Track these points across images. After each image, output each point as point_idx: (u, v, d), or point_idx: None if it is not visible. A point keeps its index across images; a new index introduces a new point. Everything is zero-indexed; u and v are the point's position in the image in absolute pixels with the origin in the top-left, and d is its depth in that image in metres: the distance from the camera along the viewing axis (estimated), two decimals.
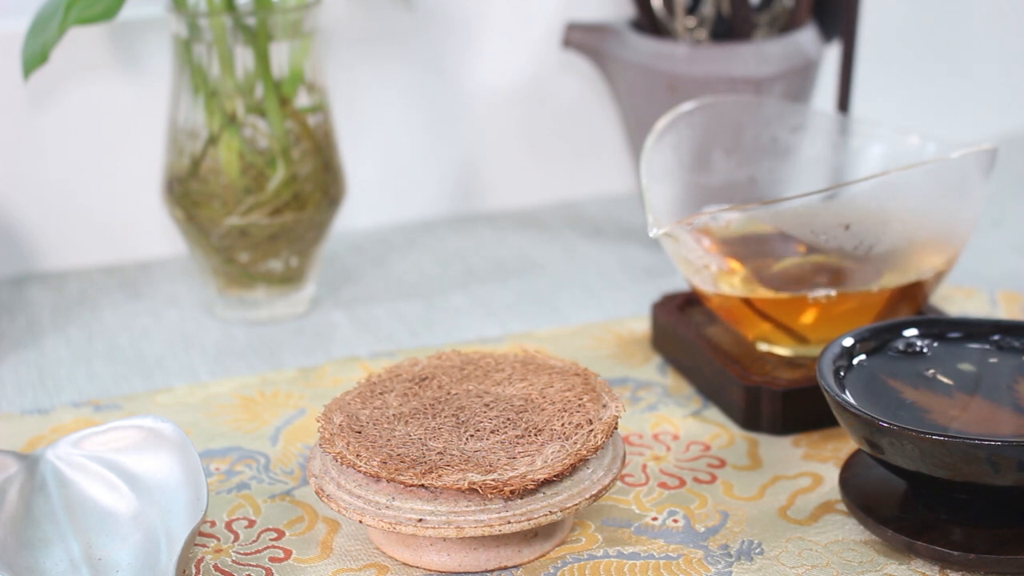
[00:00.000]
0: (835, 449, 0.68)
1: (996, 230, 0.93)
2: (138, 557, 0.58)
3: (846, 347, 0.64)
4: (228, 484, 0.66)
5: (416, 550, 0.59)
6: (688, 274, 0.72)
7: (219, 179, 0.79)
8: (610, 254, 0.91)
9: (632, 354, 0.77)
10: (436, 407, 0.61)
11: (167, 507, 0.59)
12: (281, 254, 0.81)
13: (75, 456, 0.63)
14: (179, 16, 0.78)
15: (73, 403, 0.73)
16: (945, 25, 1.08)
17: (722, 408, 0.71)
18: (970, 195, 0.71)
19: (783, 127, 0.81)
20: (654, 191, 0.73)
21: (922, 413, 0.60)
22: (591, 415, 0.60)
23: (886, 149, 0.79)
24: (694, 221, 0.69)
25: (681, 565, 0.59)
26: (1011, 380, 0.62)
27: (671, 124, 0.77)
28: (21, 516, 0.60)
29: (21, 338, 0.81)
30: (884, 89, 1.06)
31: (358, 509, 0.57)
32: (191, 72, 0.79)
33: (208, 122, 0.79)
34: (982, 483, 0.57)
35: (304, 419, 0.71)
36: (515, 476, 0.56)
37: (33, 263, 0.90)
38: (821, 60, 0.89)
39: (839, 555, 0.60)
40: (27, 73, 0.76)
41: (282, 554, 0.61)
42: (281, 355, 0.79)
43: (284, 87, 0.79)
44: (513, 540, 0.59)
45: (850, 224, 0.70)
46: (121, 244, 0.91)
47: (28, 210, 0.89)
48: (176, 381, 0.76)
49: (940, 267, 0.72)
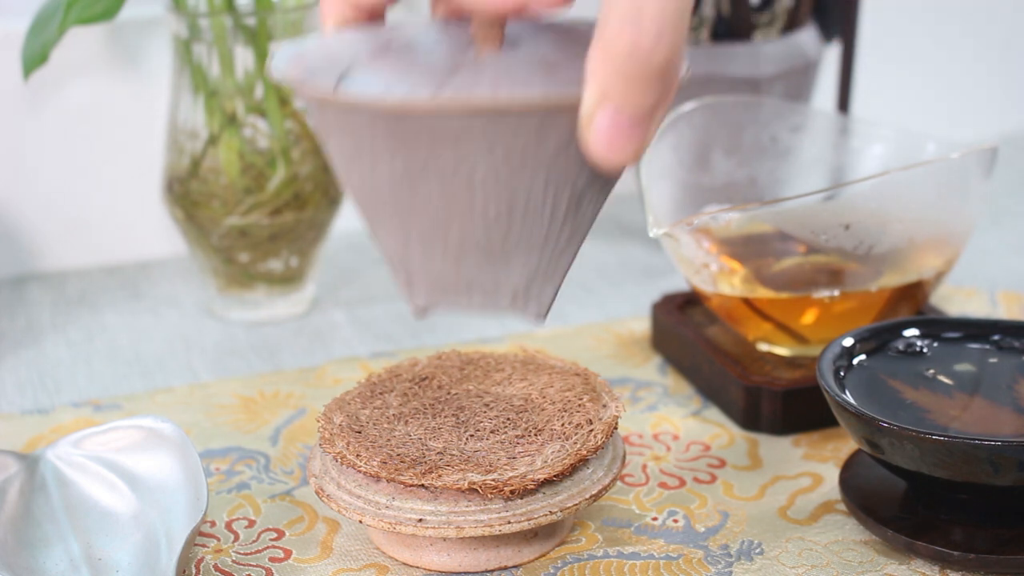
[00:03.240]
0: (835, 449, 0.68)
1: (996, 230, 0.93)
2: (138, 557, 0.58)
3: (846, 347, 0.64)
4: (228, 484, 0.66)
5: (416, 550, 0.59)
6: (688, 274, 0.72)
7: (219, 179, 0.79)
8: (610, 254, 0.91)
9: (632, 354, 0.77)
10: (436, 407, 0.61)
11: (167, 507, 0.59)
12: (281, 254, 0.81)
13: (75, 456, 0.63)
14: (179, 16, 0.78)
15: (73, 403, 0.73)
16: (945, 25, 1.08)
17: (722, 408, 0.71)
18: (970, 195, 0.71)
19: (783, 127, 0.81)
20: (654, 191, 0.73)
21: (922, 413, 0.60)
22: (591, 415, 0.60)
23: (886, 149, 0.79)
24: (694, 221, 0.69)
25: (681, 565, 0.59)
26: (1011, 380, 0.62)
27: (671, 124, 0.77)
28: (21, 516, 0.60)
29: (21, 338, 0.81)
30: (884, 89, 1.06)
31: (358, 509, 0.57)
32: (191, 72, 0.79)
33: (208, 122, 0.79)
34: (982, 483, 0.57)
35: (304, 419, 0.71)
36: (515, 476, 0.56)
37: (33, 263, 0.90)
38: (821, 60, 0.89)
39: (839, 555, 0.60)
40: (27, 73, 0.76)
41: (282, 554, 0.61)
42: (281, 355, 0.79)
43: (284, 87, 0.79)
44: (513, 540, 0.59)
45: (850, 224, 0.70)
46: (121, 244, 0.91)
47: (28, 210, 0.89)
48: (176, 381, 0.76)
49: (940, 267, 0.72)
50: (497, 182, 0.50)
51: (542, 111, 0.48)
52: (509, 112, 0.48)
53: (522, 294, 0.54)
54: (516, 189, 0.50)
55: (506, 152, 0.49)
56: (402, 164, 0.50)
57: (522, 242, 0.52)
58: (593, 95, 0.46)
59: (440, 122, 0.48)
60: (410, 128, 0.48)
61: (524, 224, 0.51)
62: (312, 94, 0.49)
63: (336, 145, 0.51)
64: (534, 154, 0.49)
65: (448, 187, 0.50)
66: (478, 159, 0.49)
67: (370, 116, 0.48)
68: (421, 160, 0.49)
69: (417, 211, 0.51)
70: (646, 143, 0.47)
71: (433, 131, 0.48)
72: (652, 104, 0.46)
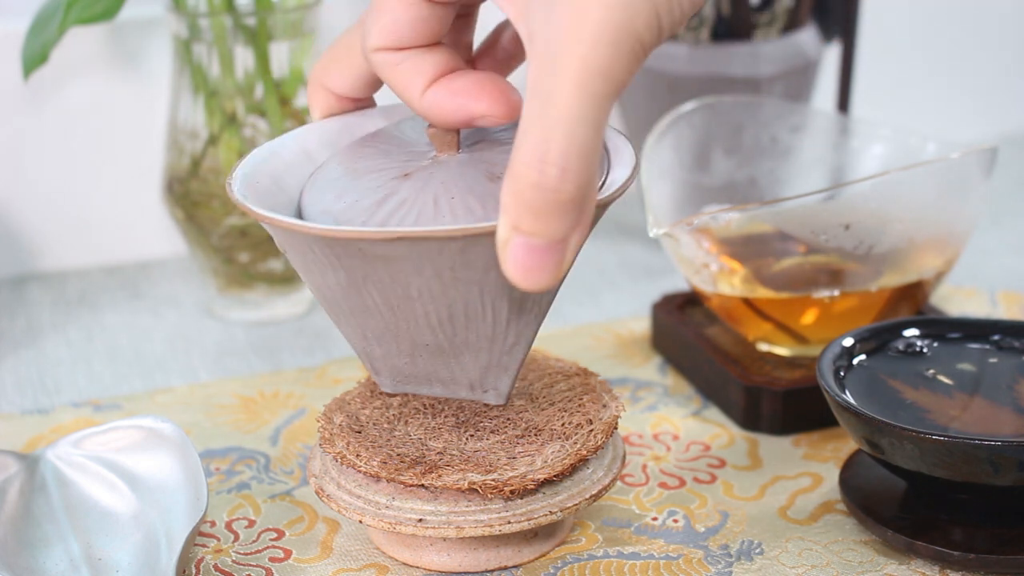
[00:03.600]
0: (835, 449, 0.68)
1: (996, 230, 0.93)
2: (138, 557, 0.58)
3: (846, 347, 0.64)
4: (228, 484, 0.66)
5: (416, 550, 0.59)
6: (688, 274, 0.72)
7: (219, 179, 0.79)
8: (610, 254, 0.91)
9: (632, 354, 0.77)
10: (436, 407, 0.61)
11: (167, 507, 0.59)
12: (281, 254, 0.81)
13: (75, 456, 0.63)
14: (179, 16, 0.78)
15: (73, 403, 0.73)
16: (945, 25, 1.08)
17: (722, 408, 0.71)
18: (970, 195, 0.71)
19: (783, 127, 0.81)
20: (654, 191, 0.74)
21: (922, 413, 0.60)
22: (591, 415, 0.60)
23: (886, 149, 0.79)
24: (694, 221, 0.69)
25: (681, 565, 0.59)
26: (1011, 380, 0.62)
27: (671, 124, 0.77)
28: (21, 516, 0.60)
29: (21, 338, 0.81)
30: (884, 89, 1.06)
31: (358, 509, 0.57)
32: (191, 72, 0.79)
33: (208, 122, 0.79)
34: (982, 483, 0.57)
35: (304, 419, 0.71)
36: (515, 476, 0.56)
37: (33, 263, 0.90)
38: (821, 60, 0.89)
39: (839, 555, 0.60)
40: (27, 73, 0.76)
41: (282, 554, 0.61)
42: (281, 355, 0.79)
43: (284, 87, 0.79)
44: (513, 540, 0.59)
45: (850, 224, 0.70)
46: (121, 244, 0.91)
47: (28, 210, 0.89)
48: (176, 381, 0.76)
49: (940, 267, 0.72)
50: (432, 295, 0.53)
51: (463, 238, 0.50)
52: (430, 240, 0.50)
53: (478, 385, 0.57)
54: (453, 300, 0.53)
55: (435, 271, 0.51)
56: (345, 276, 0.53)
57: (469, 343, 0.55)
58: (505, 226, 0.47)
59: (368, 246, 0.51)
60: (344, 250, 0.51)
61: (468, 329, 0.54)
62: (258, 218, 0.52)
63: (290, 256, 0.54)
64: (463, 273, 0.52)
65: (389, 297, 0.53)
66: (410, 276, 0.52)
67: (307, 238, 0.51)
68: (360, 274, 0.52)
69: (368, 314, 0.54)
70: (564, 267, 0.48)
71: (364, 253, 0.51)
72: (564, 232, 0.47)
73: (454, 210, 0.52)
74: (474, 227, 0.50)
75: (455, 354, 0.55)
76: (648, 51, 0.47)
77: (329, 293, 0.54)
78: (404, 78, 0.53)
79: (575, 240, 0.48)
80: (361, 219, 0.52)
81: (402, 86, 0.54)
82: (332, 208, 0.54)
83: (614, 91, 0.47)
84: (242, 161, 0.56)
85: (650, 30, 0.47)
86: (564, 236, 0.47)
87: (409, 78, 0.53)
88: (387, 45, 0.53)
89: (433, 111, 0.53)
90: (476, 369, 0.56)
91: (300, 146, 0.58)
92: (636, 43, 0.47)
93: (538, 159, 0.46)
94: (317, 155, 0.58)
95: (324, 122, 0.58)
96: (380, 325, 0.54)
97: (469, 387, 0.57)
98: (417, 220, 0.52)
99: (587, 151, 0.46)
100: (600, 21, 0.46)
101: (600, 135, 0.47)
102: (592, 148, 0.47)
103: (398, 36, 0.53)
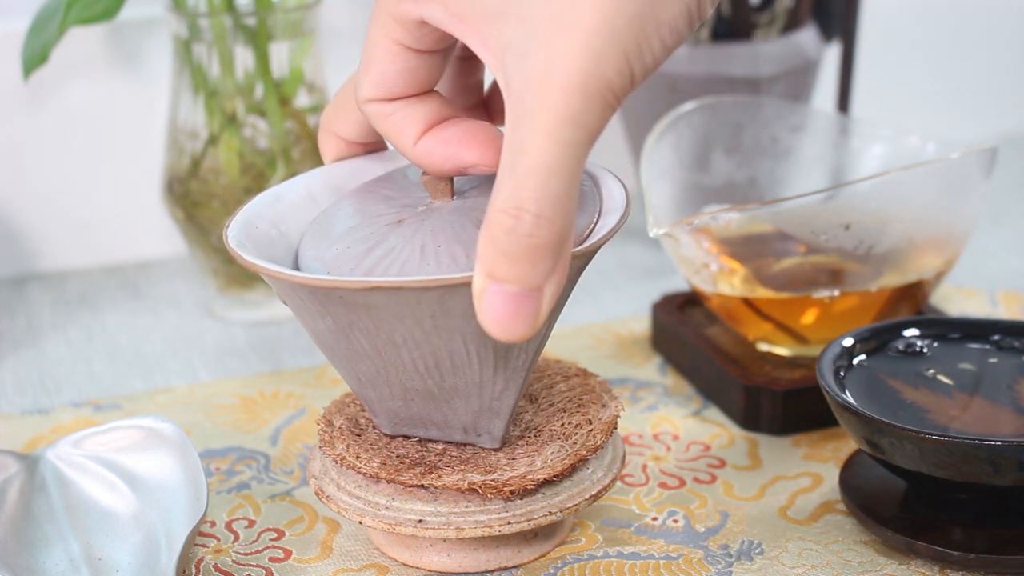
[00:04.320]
0: (835, 449, 0.68)
1: (996, 230, 0.93)
2: (138, 557, 0.58)
3: (846, 347, 0.64)
4: (228, 484, 0.66)
5: (416, 551, 0.59)
6: (688, 274, 0.72)
7: (219, 179, 0.79)
8: (610, 254, 0.91)
9: (632, 354, 0.77)
10: None
11: (167, 507, 0.59)
12: None
13: (75, 456, 0.63)
14: (179, 16, 0.78)
15: (73, 403, 0.73)
16: (945, 25, 1.08)
17: (722, 408, 0.71)
18: (970, 195, 0.71)
19: (783, 127, 0.81)
20: (654, 191, 0.74)
21: (922, 413, 0.60)
22: (591, 415, 0.60)
23: (886, 149, 0.79)
24: (694, 221, 0.69)
25: (681, 565, 0.59)
26: (1011, 380, 0.62)
27: (671, 124, 0.77)
28: (21, 516, 0.60)
29: (21, 338, 0.81)
30: (884, 89, 1.06)
31: (358, 510, 0.57)
32: (191, 72, 0.79)
33: (208, 122, 0.79)
34: (982, 483, 0.57)
35: (304, 419, 0.71)
36: (515, 476, 0.56)
37: (33, 263, 0.90)
38: (821, 60, 0.89)
39: (839, 555, 0.60)
40: (27, 73, 0.76)
41: (282, 554, 0.61)
42: (281, 355, 0.79)
43: (284, 87, 0.79)
44: (513, 540, 0.59)
45: (850, 224, 0.70)
46: (121, 244, 0.91)
47: (28, 210, 0.89)
48: (176, 381, 0.76)
49: (940, 267, 0.72)
50: (416, 342, 0.53)
51: (438, 288, 0.50)
52: (406, 290, 0.50)
53: (472, 428, 0.57)
54: (437, 347, 0.53)
55: (416, 320, 0.52)
56: (332, 322, 0.53)
57: (458, 389, 0.56)
58: (480, 274, 0.47)
59: (349, 295, 0.51)
60: (327, 297, 0.52)
61: (456, 375, 0.55)
62: (246, 264, 0.53)
63: (285, 300, 0.54)
64: (444, 322, 0.52)
65: (376, 343, 0.53)
66: (392, 324, 0.52)
67: (292, 285, 0.52)
68: (346, 321, 0.53)
69: (359, 359, 0.55)
70: (540, 318, 0.48)
71: (345, 302, 0.52)
72: (539, 279, 0.47)
73: (439, 258, 0.52)
74: (450, 278, 0.50)
75: (446, 399, 0.56)
76: (621, 98, 0.47)
77: (321, 338, 0.55)
78: (396, 128, 0.54)
79: (551, 289, 0.47)
80: (349, 266, 0.53)
81: (395, 136, 0.54)
82: (324, 255, 0.54)
83: (586, 139, 0.47)
84: (245, 205, 0.57)
85: (621, 76, 0.47)
86: (539, 284, 0.47)
87: (401, 128, 0.53)
88: (378, 96, 0.53)
89: (425, 160, 0.53)
90: (468, 414, 0.56)
91: (306, 190, 0.58)
92: (607, 90, 0.47)
93: (513, 206, 0.46)
94: (322, 199, 0.58)
95: (332, 166, 0.59)
96: (371, 369, 0.55)
97: (463, 430, 0.57)
98: (402, 268, 0.52)
99: (561, 199, 0.46)
100: (571, 70, 0.46)
101: (575, 182, 0.47)
102: (566, 196, 0.47)
103: (388, 87, 0.53)
